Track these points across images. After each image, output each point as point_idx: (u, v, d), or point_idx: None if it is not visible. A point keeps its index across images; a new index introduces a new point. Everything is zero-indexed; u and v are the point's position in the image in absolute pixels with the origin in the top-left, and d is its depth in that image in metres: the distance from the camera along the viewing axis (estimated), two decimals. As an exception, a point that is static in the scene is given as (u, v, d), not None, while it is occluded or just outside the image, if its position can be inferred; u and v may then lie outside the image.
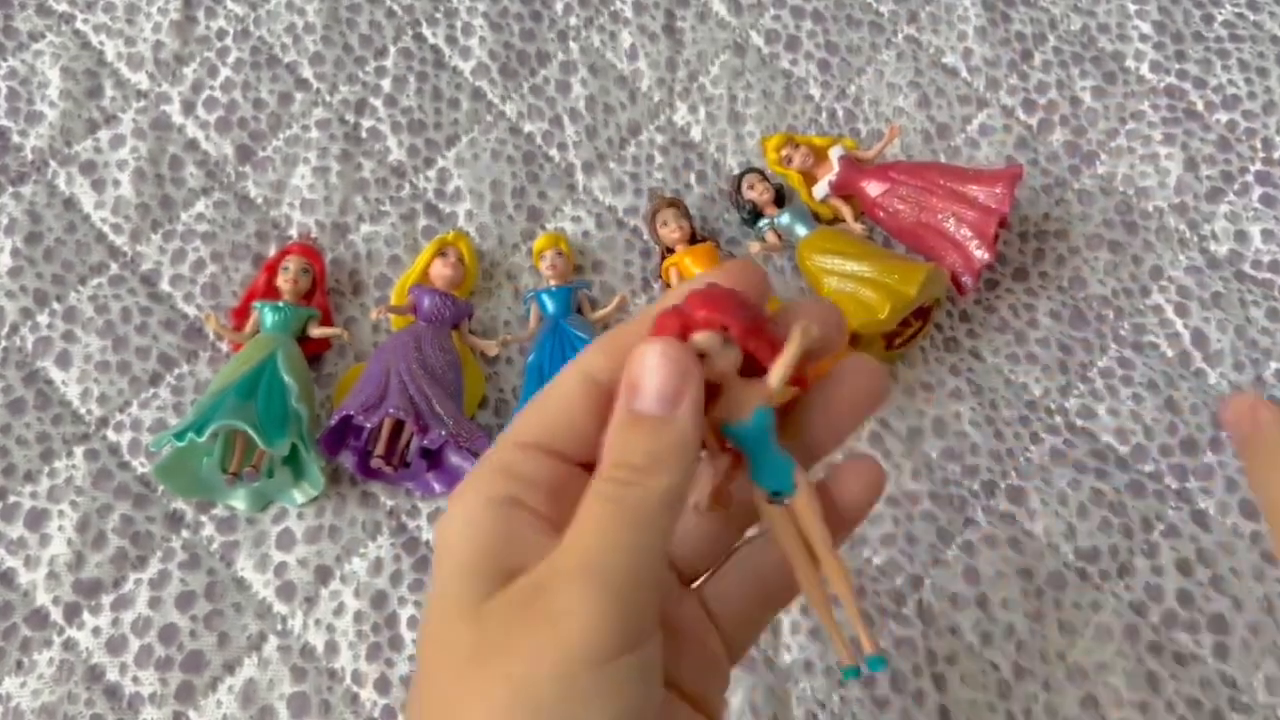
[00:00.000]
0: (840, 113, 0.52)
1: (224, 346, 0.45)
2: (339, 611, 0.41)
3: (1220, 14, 0.55)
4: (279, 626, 0.40)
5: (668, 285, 0.47)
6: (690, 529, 0.26)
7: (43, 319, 0.45)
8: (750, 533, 0.27)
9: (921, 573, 0.42)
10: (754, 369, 0.23)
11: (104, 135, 0.48)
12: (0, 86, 0.49)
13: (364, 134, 0.50)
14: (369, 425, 0.41)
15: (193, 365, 0.44)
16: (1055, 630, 0.41)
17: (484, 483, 0.23)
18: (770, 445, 0.24)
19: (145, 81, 0.50)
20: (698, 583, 0.27)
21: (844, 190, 0.49)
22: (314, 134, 0.49)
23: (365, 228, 0.48)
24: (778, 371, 0.23)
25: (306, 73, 0.51)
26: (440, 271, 0.45)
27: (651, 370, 0.22)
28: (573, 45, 0.53)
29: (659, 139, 0.51)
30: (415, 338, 0.43)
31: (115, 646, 0.40)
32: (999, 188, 0.46)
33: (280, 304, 0.44)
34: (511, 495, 0.23)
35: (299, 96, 0.50)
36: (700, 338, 0.22)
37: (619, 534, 0.21)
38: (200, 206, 0.47)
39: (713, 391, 0.23)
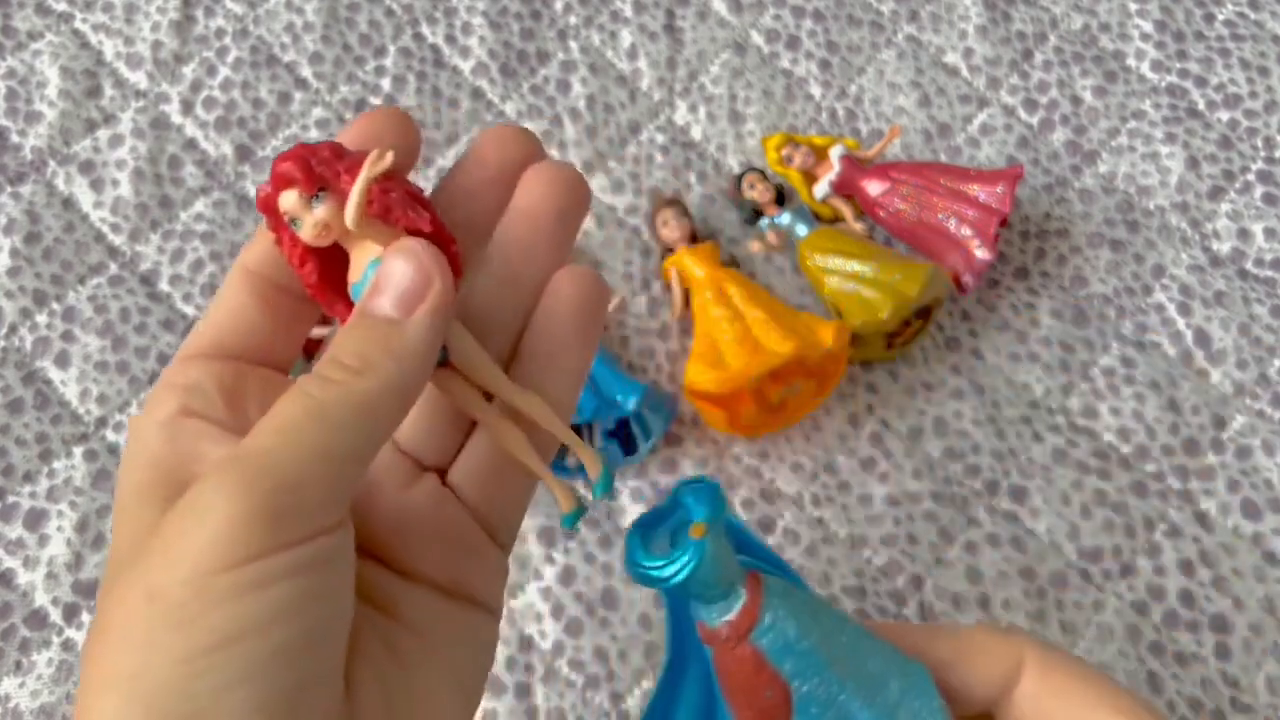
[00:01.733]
0: (841, 112, 0.52)
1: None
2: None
3: (1221, 13, 0.55)
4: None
5: (668, 285, 0.47)
6: (422, 411, 0.23)
7: (41, 319, 0.45)
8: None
9: (923, 573, 0.42)
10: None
11: (103, 135, 0.48)
12: (-1, 86, 0.49)
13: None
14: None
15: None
16: (1057, 630, 0.41)
17: (151, 405, 0.21)
18: None
19: (144, 81, 0.50)
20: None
21: (845, 190, 0.49)
22: (313, 134, 0.49)
23: (365, 227, 0.48)
24: (348, 207, 0.20)
25: (306, 72, 0.51)
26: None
27: (391, 269, 0.20)
28: (572, 44, 0.53)
29: (659, 138, 0.51)
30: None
31: (114, 647, 0.39)
32: (1000, 187, 0.46)
33: (279, 304, 0.44)
34: (180, 407, 0.21)
35: (298, 96, 0.50)
36: (282, 200, 0.21)
37: (298, 430, 0.19)
38: (199, 206, 0.47)
39: (343, 257, 0.21)
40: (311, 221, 0.20)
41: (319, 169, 0.20)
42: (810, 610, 0.22)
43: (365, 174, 0.20)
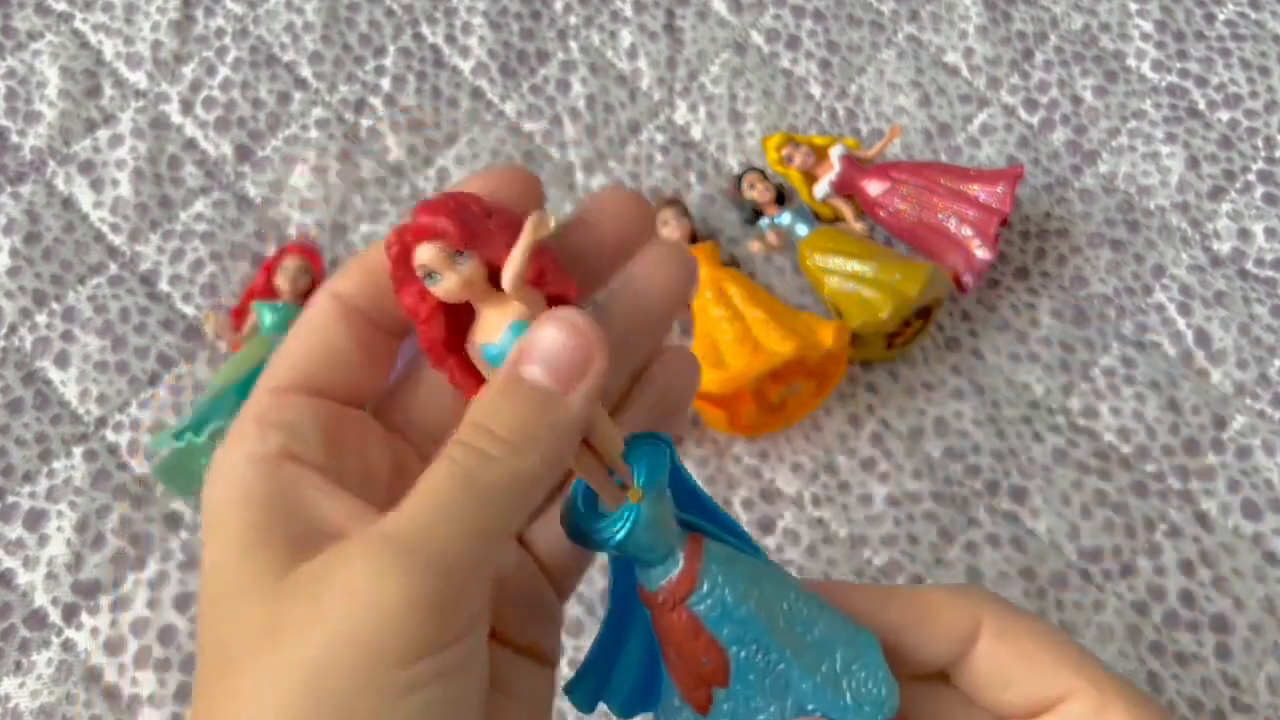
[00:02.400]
0: (841, 112, 0.52)
1: (223, 346, 0.45)
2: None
3: (1222, 13, 0.55)
4: (278, 627, 0.40)
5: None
6: None
7: (41, 319, 0.45)
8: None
9: (923, 573, 0.42)
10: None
11: (102, 135, 0.48)
12: (-1, 86, 0.49)
13: (363, 133, 0.50)
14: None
15: (191, 365, 0.44)
16: (1057, 631, 0.41)
17: (241, 440, 0.19)
18: None
19: (144, 81, 0.50)
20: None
21: (845, 189, 0.49)
22: (313, 134, 0.49)
23: (364, 227, 0.48)
24: (508, 271, 0.19)
25: (305, 72, 0.51)
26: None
27: (553, 338, 0.19)
28: (572, 44, 0.53)
29: (659, 138, 0.51)
30: (414, 337, 0.43)
31: (114, 647, 0.39)
32: (1000, 187, 0.46)
33: (279, 304, 0.44)
34: (276, 448, 0.19)
35: (298, 96, 0.50)
36: (421, 253, 0.19)
37: (459, 511, 0.18)
38: (199, 206, 0.47)
39: (468, 315, 0.20)
40: (456, 279, 0.19)
41: (474, 227, 0.19)
42: (751, 577, 0.21)
43: (529, 238, 0.19)
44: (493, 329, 0.20)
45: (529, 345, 0.19)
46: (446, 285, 0.19)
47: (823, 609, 0.22)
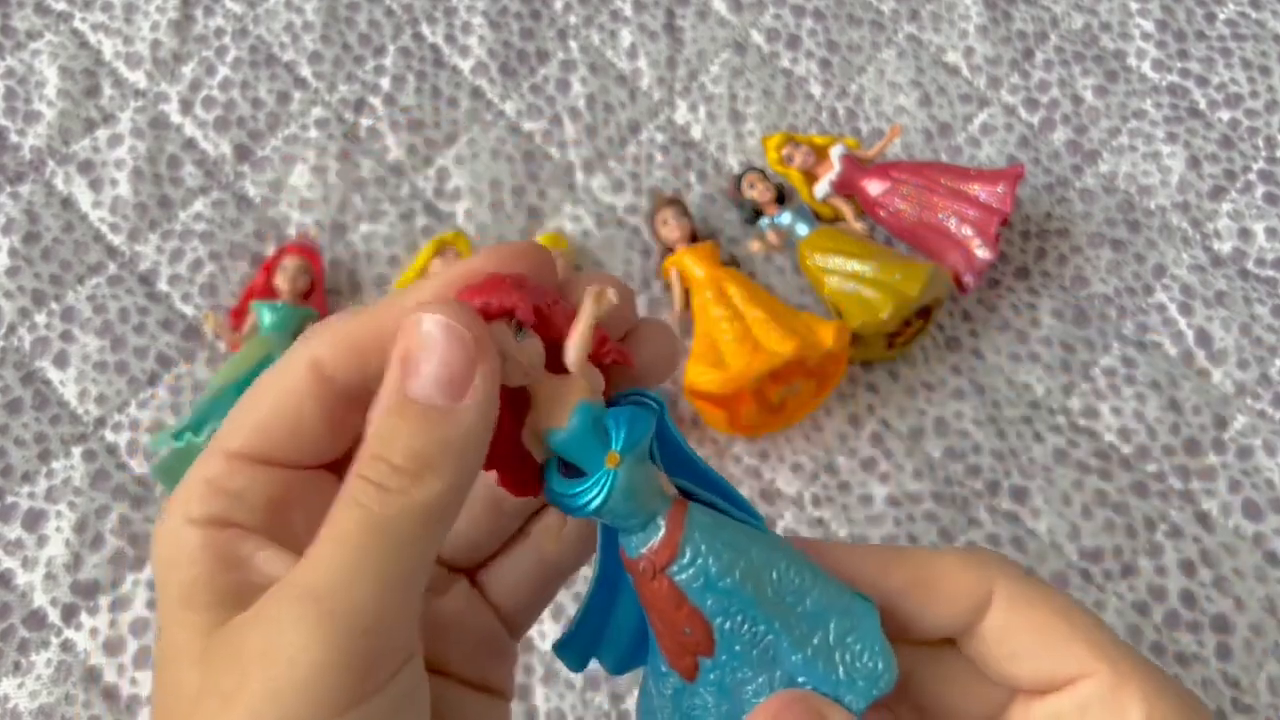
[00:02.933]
0: (841, 111, 0.52)
1: (222, 346, 0.45)
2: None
3: (1222, 12, 0.55)
4: (277, 628, 0.40)
5: (668, 285, 0.47)
6: (461, 524, 0.22)
7: (40, 319, 0.45)
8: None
9: (923, 573, 0.42)
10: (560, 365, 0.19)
11: (102, 134, 0.48)
12: (-2, 86, 0.49)
13: (362, 133, 0.49)
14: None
15: (191, 365, 0.44)
16: (1058, 631, 0.41)
17: (185, 501, 0.19)
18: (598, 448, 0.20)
19: (143, 80, 0.50)
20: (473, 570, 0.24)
21: (845, 189, 0.49)
22: (313, 133, 0.49)
23: (364, 227, 0.48)
24: (573, 346, 0.19)
25: (305, 71, 0.51)
26: (439, 271, 0.45)
27: (432, 345, 0.18)
28: (572, 44, 0.52)
29: (659, 138, 0.51)
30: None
31: (113, 648, 0.39)
32: (1001, 187, 0.46)
33: (278, 304, 0.44)
34: (217, 515, 0.19)
35: (297, 95, 0.50)
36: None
37: (366, 555, 0.17)
38: (198, 206, 0.47)
39: (524, 400, 0.20)
40: (523, 359, 0.18)
41: (538, 302, 0.19)
42: (738, 545, 0.20)
43: (592, 310, 0.19)
44: (557, 412, 0.19)
45: (409, 358, 0.18)
46: (508, 368, 0.18)
47: (818, 576, 0.21)
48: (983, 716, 0.22)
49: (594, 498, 0.19)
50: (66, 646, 0.39)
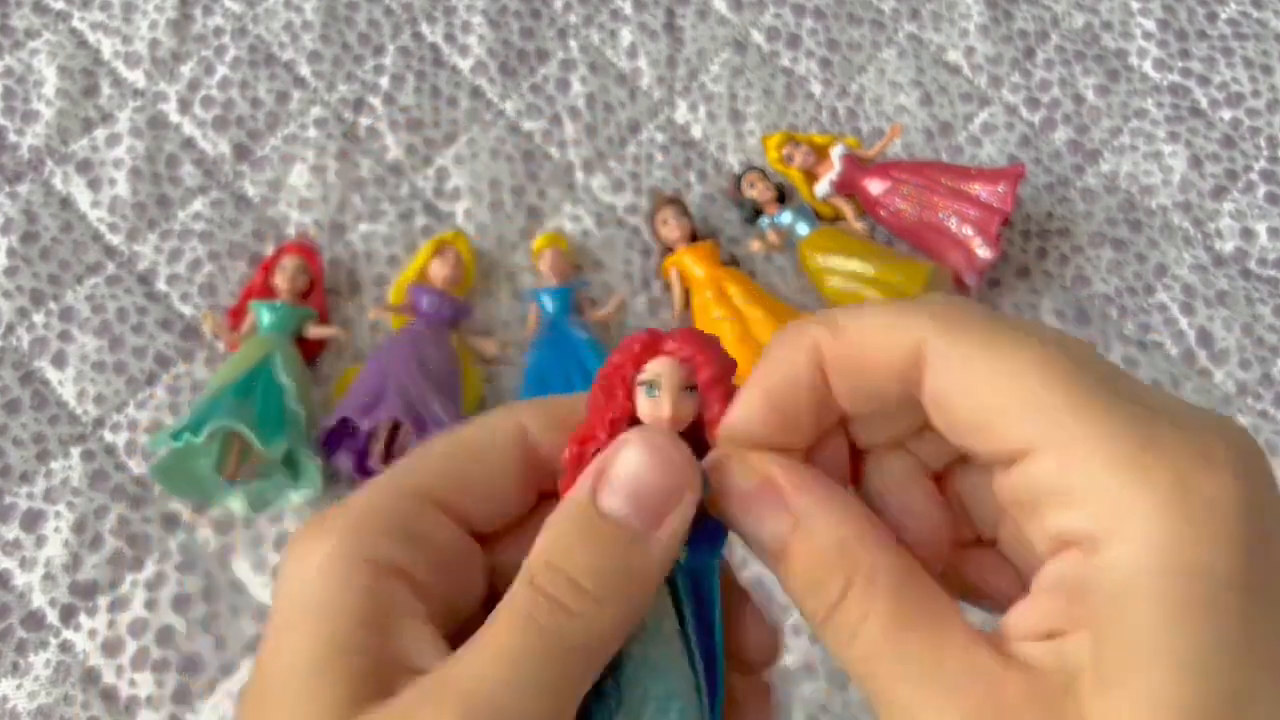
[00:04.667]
0: (841, 111, 0.52)
1: (221, 346, 0.44)
2: (337, 613, 0.40)
3: (1224, 11, 0.55)
4: (276, 628, 0.40)
5: (668, 284, 0.47)
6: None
7: (39, 319, 0.44)
8: None
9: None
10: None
11: (100, 134, 0.48)
12: (-4, 85, 0.49)
13: (362, 132, 0.49)
14: (367, 427, 0.40)
15: (189, 365, 0.44)
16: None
17: (357, 531, 0.17)
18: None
19: (142, 80, 0.50)
20: None
21: (846, 189, 0.48)
22: (311, 133, 0.49)
23: (363, 227, 0.48)
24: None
25: (304, 71, 0.50)
26: (438, 271, 0.45)
27: (637, 463, 0.17)
28: (572, 43, 0.52)
29: (659, 137, 0.50)
30: (413, 338, 0.43)
31: (112, 648, 0.39)
32: (1001, 186, 0.46)
33: (277, 304, 0.44)
34: (394, 559, 0.17)
35: (296, 95, 0.50)
36: (658, 365, 0.18)
37: (536, 671, 0.15)
38: (197, 205, 0.47)
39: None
40: (672, 410, 0.18)
41: (723, 375, 0.18)
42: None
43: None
44: None
45: (609, 471, 0.17)
46: (659, 407, 0.18)
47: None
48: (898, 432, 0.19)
49: None
50: (65, 647, 0.39)
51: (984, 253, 0.45)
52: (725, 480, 0.18)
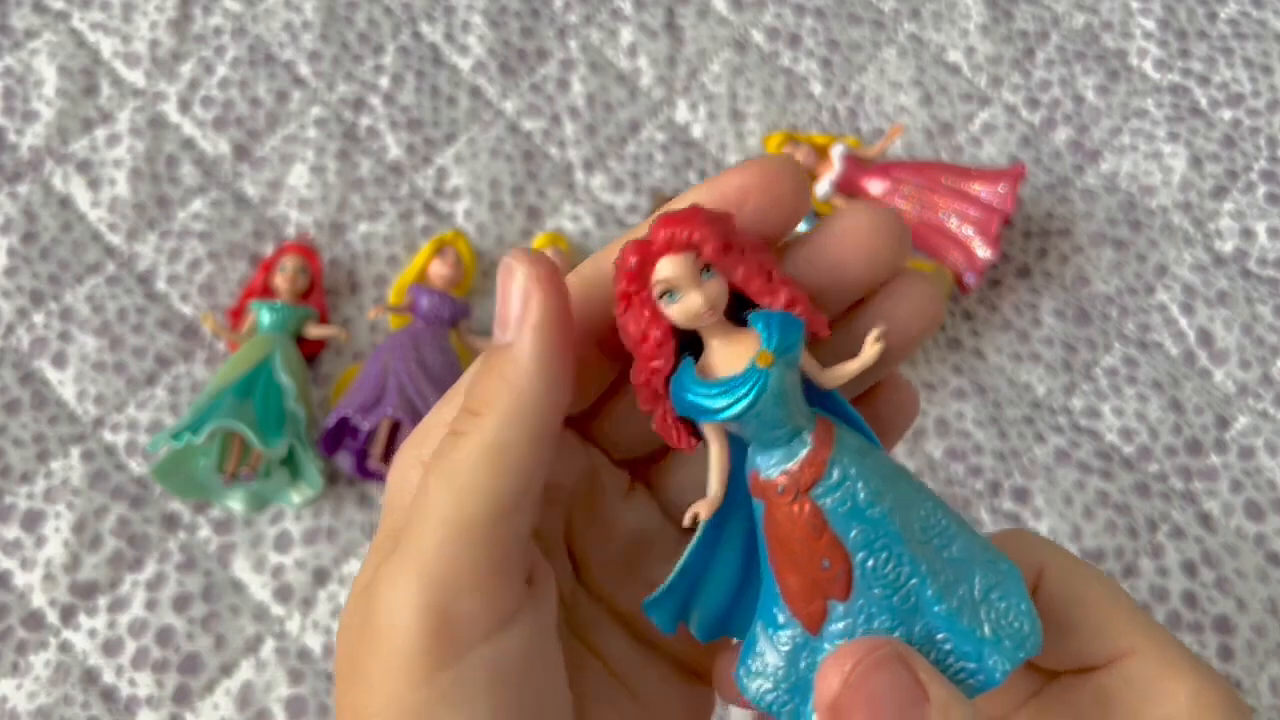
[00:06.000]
0: (842, 110, 0.52)
1: (221, 346, 0.44)
2: (336, 613, 0.40)
3: (1224, 11, 0.55)
4: (276, 628, 0.40)
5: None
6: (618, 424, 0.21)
7: (39, 319, 0.44)
8: None
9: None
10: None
11: (100, 134, 0.48)
12: (-4, 85, 0.49)
13: (362, 132, 0.49)
14: (367, 427, 0.40)
15: (189, 365, 0.44)
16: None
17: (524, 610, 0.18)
18: (781, 417, 0.18)
19: (142, 79, 0.50)
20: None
21: (846, 189, 0.48)
22: (311, 132, 0.49)
23: (363, 226, 0.47)
24: (830, 375, 0.19)
25: (304, 70, 0.50)
26: (438, 271, 0.45)
27: (500, 292, 0.18)
28: (572, 42, 0.52)
29: (659, 137, 0.50)
30: (413, 338, 0.43)
31: (112, 649, 0.39)
32: (1002, 186, 0.46)
33: (277, 303, 0.43)
34: (536, 523, 0.19)
35: (296, 95, 0.50)
36: (664, 266, 0.18)
37: (439, 508, 0.17)
38: (197, 205, 0.47)
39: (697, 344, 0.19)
40: (701, 298, 0.18)
41: (730, 240, 0.18)
42: (886, 474, 0.18)
43: (868, 359, 0.18)
44: (726, 368, 0.18)
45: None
46: (689, 305, 0.18)
47: (961, 525, 0.19)
48: (1012, 702, 0.22)
49: (742, 397, 0.18)
50: (65, 647, 0.39)
51: (984, 253, 0.45)
52: None
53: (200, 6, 0.51)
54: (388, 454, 0.41)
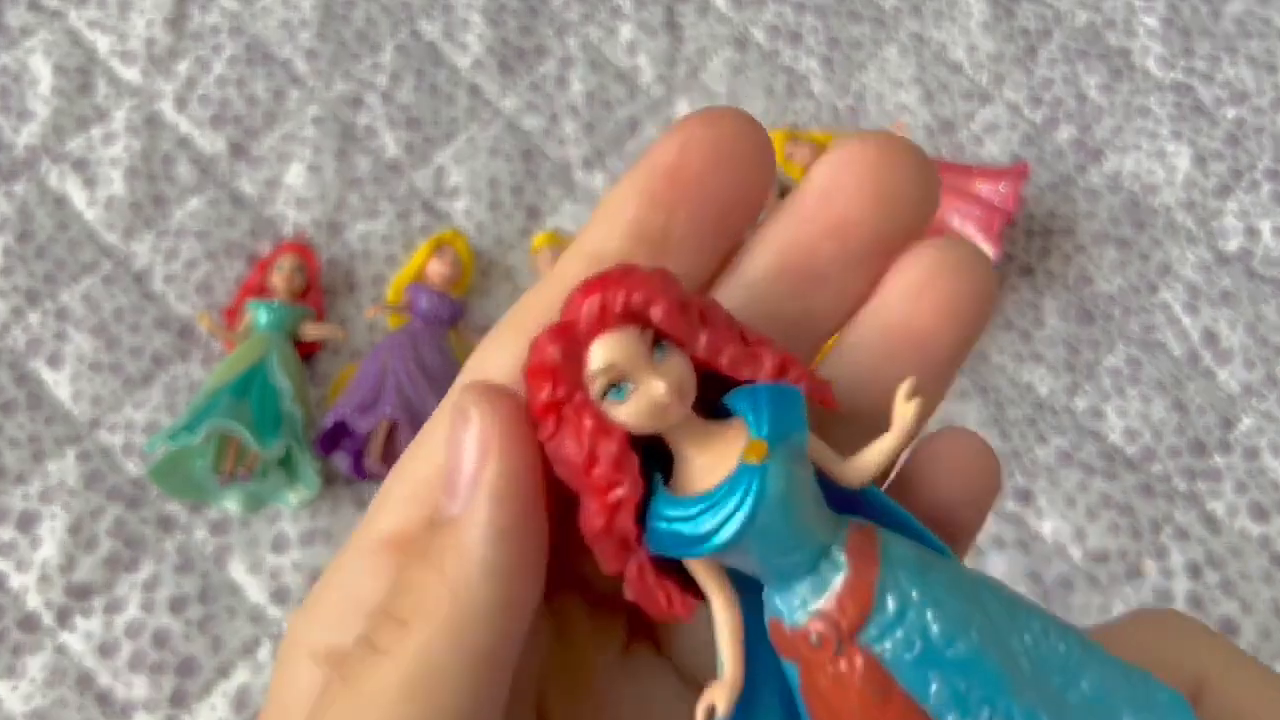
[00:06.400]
0: (843, 109, 0.51)
1: (217, 346, 0.44)
2: (334, 615, 0.40)
3: (1228, 9, 0.54)
4: (274, 630, 0.40)
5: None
6: None
7: (34, 318, 0.44)
8: None
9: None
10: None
11: (96, 132, 0.48)
12: (-8, 83, 0.49)
13: (360, 131, 0.49)
14: (364, 428, 0.40)
15: (186, 365, 0.44)
16: (1062, 634, 0.41)
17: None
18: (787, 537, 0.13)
19: (138, 77, 0.49)
20: None
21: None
22: (309, 131, 0.49)
23: (360, 225, 0.47)
24: (883, 448, 0.13)
25: (301, 69, 0.50)
26: (437, 270, 0.45)
27: (451, 443, 0.14)
28: (571, 40, 0.52)
29: (659, 135, 0.50)
30: (411, 337, 0.43)
31: (107, 650, 0.39)
32: (1004, 185, 0.45)
33: (274, 303, 0.43)
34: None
35: (293, 93, 0.50)
36: (603, 350, 0.13)
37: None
38: (193, 204, 0.47)
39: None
40: (663, 384, 0.13)
41: (685, 301, 0.13)
42: (964, 590, 0.13)
43: (904, 428, 0.13)
44: (709, 478, 0.13)
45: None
46: (649, 395, 0.13)
47: (1088, 647, 0.13)
48: None
49: (735, 510, 0.12)
50: (61, 649, 0.39)
51: (987, 252, 0.45)
52: None
53: (197, 4, 0.51)
54: (386, 455, 0.41)
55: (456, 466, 0.13)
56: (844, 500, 0.14)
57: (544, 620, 0.16)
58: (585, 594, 0.16)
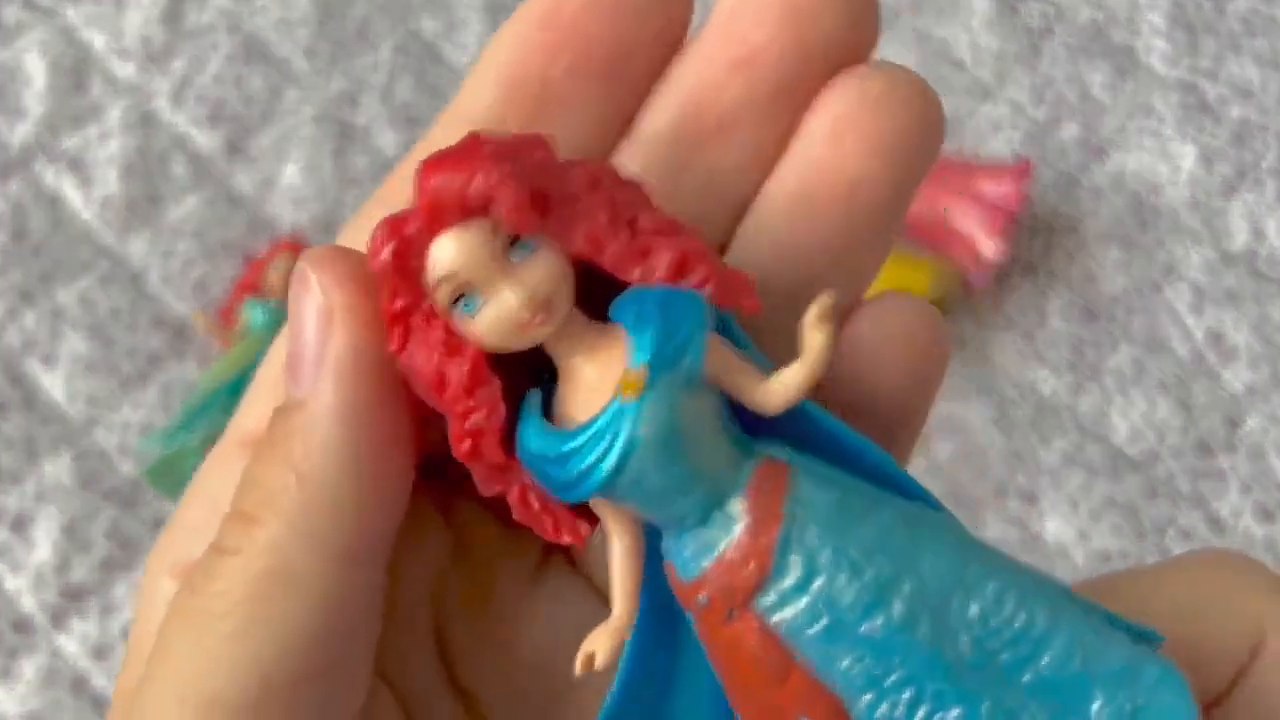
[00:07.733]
0: (845, 106, 0.51)
1: (214, 345, 0.44)
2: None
3: (1234, 6, 0.54)
4: (269, 633, 0.40)
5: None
6: None
7: (29, 318, 0.44)
8: None
9: (928, 578, 0.41)
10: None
11: (91, 130, 0.48)
12: (-14, 80, 0.49)
13: (357, 130, 0.49)
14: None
15: (181, 365, 0.44)
16: (1066, 637, 0.41)
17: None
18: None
19: (133, 75, 0.49)
20: None
21: (848, 186, 0.48)
22: (305, 129, 0.49)
23: (359, 224, 0.47)
24: (792, 381, 0.11)
25: (298, 67, 0.50)
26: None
27: (291, 315, 0.12)
28: (571, 38, 0.52)
29: None
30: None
31: (102, 653, 0.39)
32: (1007, 183, 0.45)
33: (270, 302, 0.43)
34: None
35: (290, 91, 0.49)
36: (442, 252, 0.11)
37: (169, 675, 0.12)
38: (189, 203, 0.47)
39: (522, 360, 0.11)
40: (518, 296, 0.10)
41: (545, 182, 0.11)
42: (893, 546, 0.11)
43: (820, 354, 0.11)
44: (590, 404, 0.11)
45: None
46: (500, 310, 0.11)
47: (1057, 614, 0.11)
48: None
49: (596, 464, 0.11)
50: (55, 652, 0.39)
51: (990, 251, 0.44)
52: None
53: (193, 1, 0.51)
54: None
55: (299, 341, 0.12)
56: (784, 417, 0.12)
57: (440, 533, 0.14)
58: (490, 504, 0.13)
